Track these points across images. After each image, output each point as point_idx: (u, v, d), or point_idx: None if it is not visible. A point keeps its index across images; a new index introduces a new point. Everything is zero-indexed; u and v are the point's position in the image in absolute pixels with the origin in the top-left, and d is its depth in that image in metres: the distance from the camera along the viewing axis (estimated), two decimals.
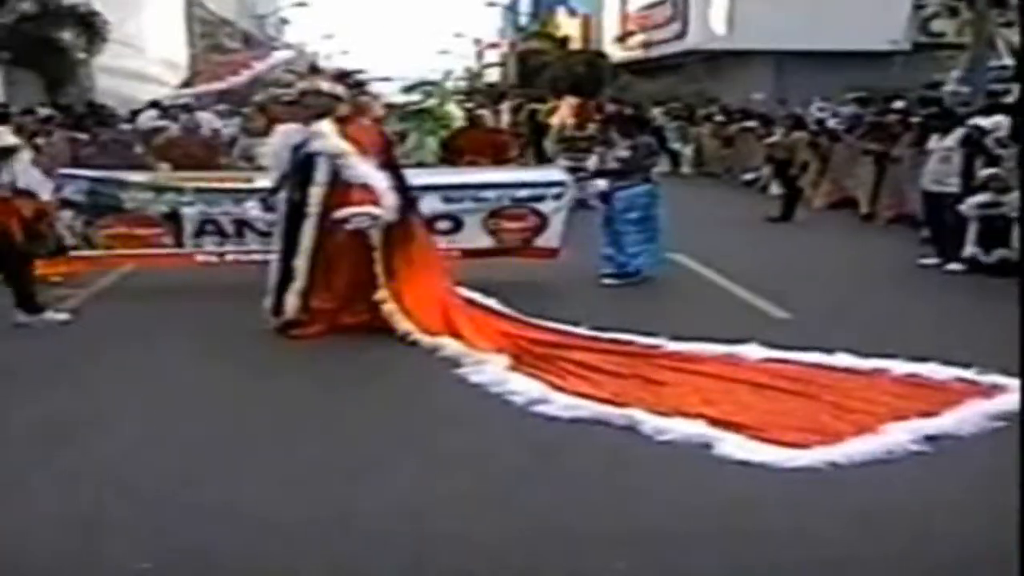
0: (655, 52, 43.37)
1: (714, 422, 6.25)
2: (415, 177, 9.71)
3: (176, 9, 44.70)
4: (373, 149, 8.61)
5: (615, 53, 47.18)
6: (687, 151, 25.94)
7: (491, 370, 7.42)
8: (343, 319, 8.64)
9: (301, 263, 8.53)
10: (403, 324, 8.37)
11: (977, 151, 12.13)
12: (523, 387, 7.02)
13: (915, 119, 17.43)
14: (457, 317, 8.42)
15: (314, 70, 8.92)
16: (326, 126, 8.50)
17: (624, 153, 11.22)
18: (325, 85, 8.68)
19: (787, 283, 10.74)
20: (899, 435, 5.99)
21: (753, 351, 7.80)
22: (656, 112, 27.76)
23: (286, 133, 8.64)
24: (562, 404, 6.69)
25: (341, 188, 8.40)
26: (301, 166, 8.52)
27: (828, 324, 8.92)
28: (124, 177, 10.84)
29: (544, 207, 10.88)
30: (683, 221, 11.36)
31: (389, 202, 8.43)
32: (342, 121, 8.61)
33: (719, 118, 25.88)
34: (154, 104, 21.48)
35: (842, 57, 31.86)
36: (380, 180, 8.44)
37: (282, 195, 8.74)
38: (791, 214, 16.39)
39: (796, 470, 5.59)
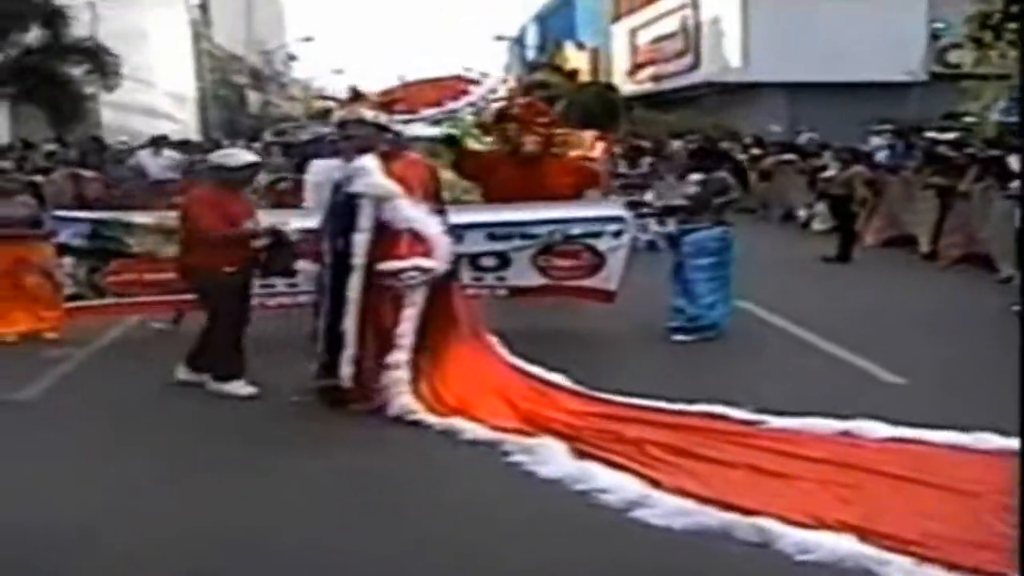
0: (667, 85, 42.68)
1: (864, 534, 4.96)
2: (458, 215, 8.45)
3: (184, 43, 43.61)
4: (421, 189, 7.29)
5: (624, 86, 46.19)
6: None
7: (561, 459, 6.12)
8: None
9: (349, 325, 7.14)
10: (403, 399, 7.02)
11: None
12: (613, 483, 5.72)
13: (971, 151, 16.32)
14: (485, 396, 7.12)
15: (356, 96, 7.51)
16: (370, 162, 7.15)
17: (692, 189, 9.91)
18: (369, 113, 7.35)
19: (881, 337, 9.42)
20: None
21: (874, 428, 6.50)
22: (676, 145, 26.54)
23: (325, 169, 7.28)
24: (669, 508, 5.37)
25: (388, 236, 7.08)
26: (342, 209, 7.20)
27: (946, 390, 7.65)
28: (129, 219, 9.62)
29: (601, 244, 9.77)
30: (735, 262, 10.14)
31: (442, 251, 7.17)
32: (386, 157, 7.26)
33: (755, 151, 24.49)
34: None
35: (857, 88, 31.36)
36: (431, 226, 7.17)
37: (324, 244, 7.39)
38: (848, 254, 15.06)
39: None
